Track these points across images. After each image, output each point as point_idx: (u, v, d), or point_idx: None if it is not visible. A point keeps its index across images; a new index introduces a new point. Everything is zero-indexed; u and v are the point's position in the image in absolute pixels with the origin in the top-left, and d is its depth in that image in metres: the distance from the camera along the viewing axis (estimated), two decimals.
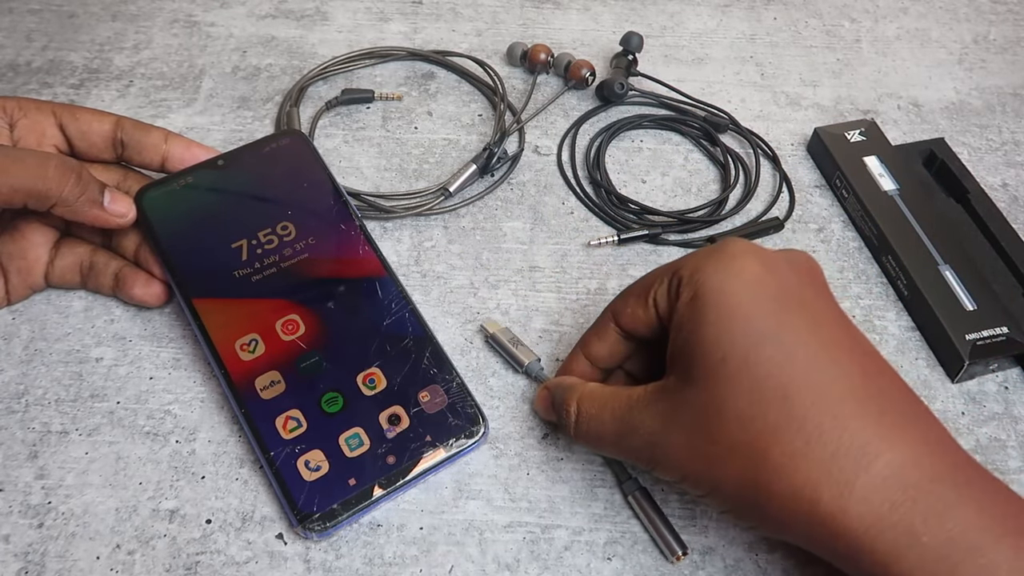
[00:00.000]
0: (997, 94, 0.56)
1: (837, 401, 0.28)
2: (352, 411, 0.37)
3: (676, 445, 0.30)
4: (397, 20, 0.58)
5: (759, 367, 0.28)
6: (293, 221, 0.42)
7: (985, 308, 0.42)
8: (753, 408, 0.28)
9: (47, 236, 0.40)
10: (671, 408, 0.30)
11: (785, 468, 0.27)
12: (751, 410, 0.28)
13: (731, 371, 0.29)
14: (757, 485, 0.28)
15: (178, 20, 0.57)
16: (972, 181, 0.48)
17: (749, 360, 0.28)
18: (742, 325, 0.29)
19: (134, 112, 0.51)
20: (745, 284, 0.30)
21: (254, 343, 0.38)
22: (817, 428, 0.27)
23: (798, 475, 0.27)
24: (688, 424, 0.30)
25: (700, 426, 0.29)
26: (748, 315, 0.29)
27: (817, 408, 0.27)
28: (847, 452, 0.27)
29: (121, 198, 0.39)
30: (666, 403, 0.31)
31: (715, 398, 0.29)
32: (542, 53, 0.54)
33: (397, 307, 0.40)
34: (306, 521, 0.34)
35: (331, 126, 0.51)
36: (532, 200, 0.48)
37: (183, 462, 0.37)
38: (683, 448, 0.30)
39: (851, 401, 0.28)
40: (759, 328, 0.29)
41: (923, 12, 0.62)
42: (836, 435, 0.27)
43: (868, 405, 0.28)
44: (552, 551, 0.35)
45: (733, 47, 0.58)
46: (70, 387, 0.39)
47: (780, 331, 0.29)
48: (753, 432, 0.28)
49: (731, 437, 0.28)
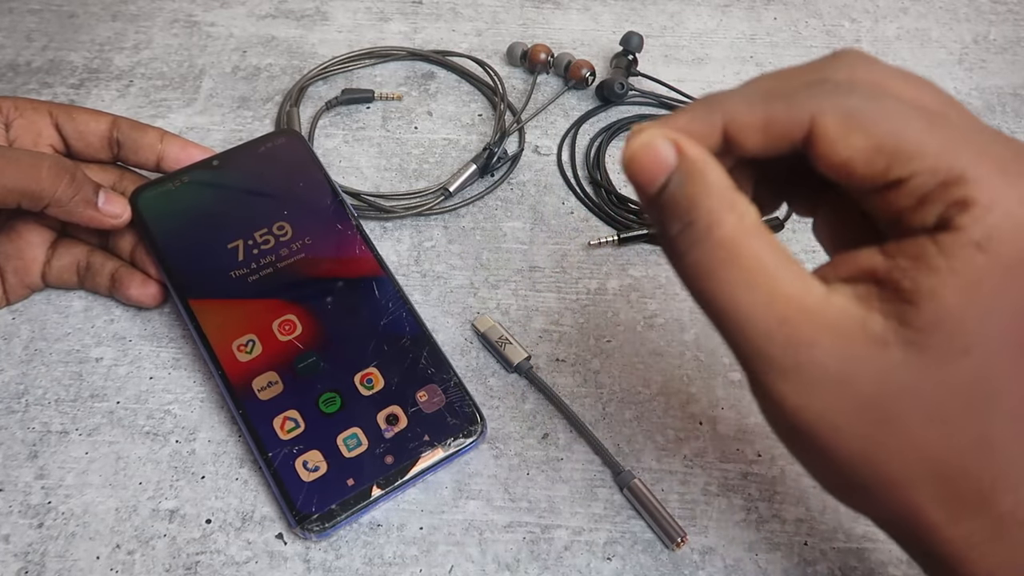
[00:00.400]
0: (997, 94, 0.56)
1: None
2: (350, 411, 0.37)
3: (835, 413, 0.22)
4: (397, 20, 0.58)
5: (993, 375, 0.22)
6: (289, 221, 0.42)
7: None
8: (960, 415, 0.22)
9: (43, 236, 0.40)
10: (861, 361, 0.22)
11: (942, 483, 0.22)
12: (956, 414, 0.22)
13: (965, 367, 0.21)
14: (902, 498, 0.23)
15: (178, 20, 0.57)
16: None
17: (991, 365, 0.22)
18: (1011, 316, 0.21)
19: (134, 112, 0.51)
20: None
21: (251, 344, 0.38)
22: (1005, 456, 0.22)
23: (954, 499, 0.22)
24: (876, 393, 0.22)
25: (892, 405, 0.22)
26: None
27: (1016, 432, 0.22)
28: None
29: (116, 198, 0.39)
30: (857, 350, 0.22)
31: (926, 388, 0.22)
32: (542, 53, 0.54)
33: (394, 307, 0.40)
34: (305, 521, 0.34)
35: (331, 126, 0.51)
36: (532, 200, 0.48)
37: (183, 462, 0.37)
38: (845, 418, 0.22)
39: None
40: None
41: (923, 12, 0.62)
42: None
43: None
44: (552, 551, 0.35)
45: (733, 47, 0.58)
46: (70, 387, 0.39)
47: None
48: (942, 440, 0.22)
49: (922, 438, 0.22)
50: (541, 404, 0.40)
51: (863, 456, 0.23)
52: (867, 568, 0.35)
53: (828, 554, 0.36)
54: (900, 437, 0.22)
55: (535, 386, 0.40)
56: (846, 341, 0.22)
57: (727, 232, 0.22)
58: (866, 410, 0.22)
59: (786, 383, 0.22)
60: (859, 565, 0.35)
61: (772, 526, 0.36)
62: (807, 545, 0.36)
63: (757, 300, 0.22)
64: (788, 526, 0.36)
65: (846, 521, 0.37)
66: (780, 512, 0.37)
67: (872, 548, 0.36)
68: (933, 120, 0.21)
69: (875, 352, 0.22)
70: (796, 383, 0.22)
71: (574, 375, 0.41)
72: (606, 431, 0.39)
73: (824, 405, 0.22)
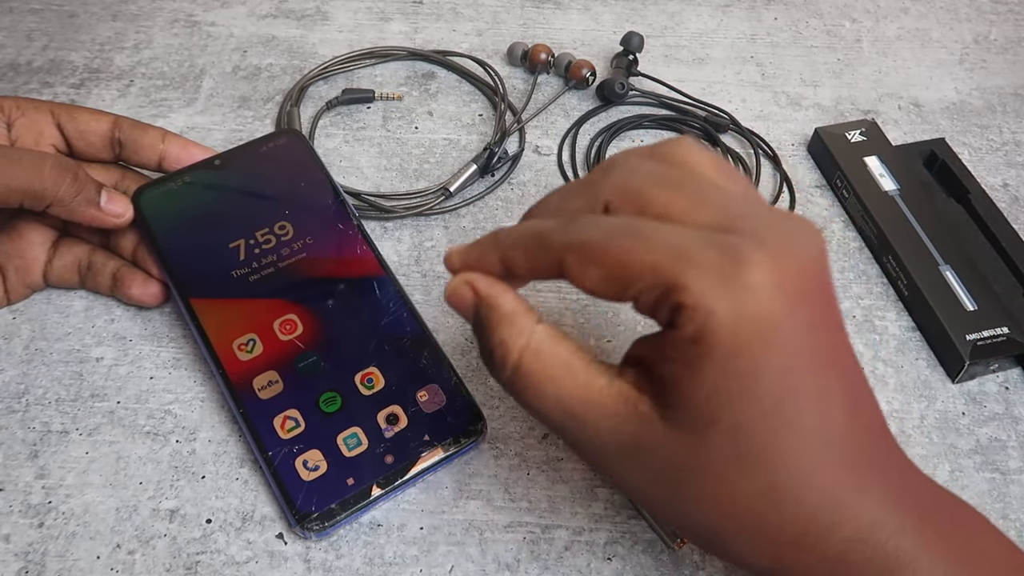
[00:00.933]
0: (998, 94, 0.56)
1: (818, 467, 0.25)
2: (350, 411, 0.37)
3: (635, 474, 0.27)
4: (398, 20, 0.58)
5: (748, 437, 0.25)
6: (291, 221, 0.42)
7: (985, 308, 0.42)
8: (732, 475, 0.25)
9: (45, 236, 0.40)
10: (637, 437, 0.26)
11: (754, 534, 0.26)
12: (729, 476, 0.25)
13: (716, 435, 0.25)
14: (718, 539, 0.27)
15: (178, 20, 0.57)
16: (973, 181, 0.48)
17: (740, 429, 0.25)
18: (738, 393, 0.25)
19: (135, 112, 0.51)
20: (757, 335, 0.24)
21: (252, 343, 0.38)
22: (794, 499, 0.25)
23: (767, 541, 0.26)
24: (656, 464, 0.26)
25: (669, 471, 0.26)
26: (751, 380, 0.25)
27: (797, 480, 0.25)
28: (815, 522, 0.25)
29: (118, 198, 0.39)
30: (632, 428, 0.26)
31: (693, 454, 0.26)
32: (543, 53, 0.54)
33: (395, 307, 0.40)
34: (304, 521, 0.34)
35: (331, 126, 0.51)
36: (532, 200, 0.48)
37: (183, 462, 0.37)
38: (644, 481, 0.27)
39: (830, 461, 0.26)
40: (760, 394, 0.25)
41: (924, 12, 0.62)
42: (809, 505, 0.25)
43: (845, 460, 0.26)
44: (552, 551, 0.35)
45: (734, 47, 0.58)
46: (70, 387, 0.39)
47: (780, 401, 0.25)
48: (727, 496, 0.26)
49: (703, 493, 0.26)
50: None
51: (678, 516, 0.27)
52: None
53: None
54: (695, 499, 0.26)
55: None
56: (622, 421, 0.26)
57: (515, 358, 0.27)
58: (659, 478, 0.27)
59: (600, 462, 0.28)
60: None
61: None
62: None
63: (549, 405, 0.27)
64: None
65: None
66: None
67: None
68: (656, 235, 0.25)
69: (647, 429, 0.26)
70: (604, 462, 0.27)
71: None
72: None
73: (629, 475, 0.27)
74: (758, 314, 0.24)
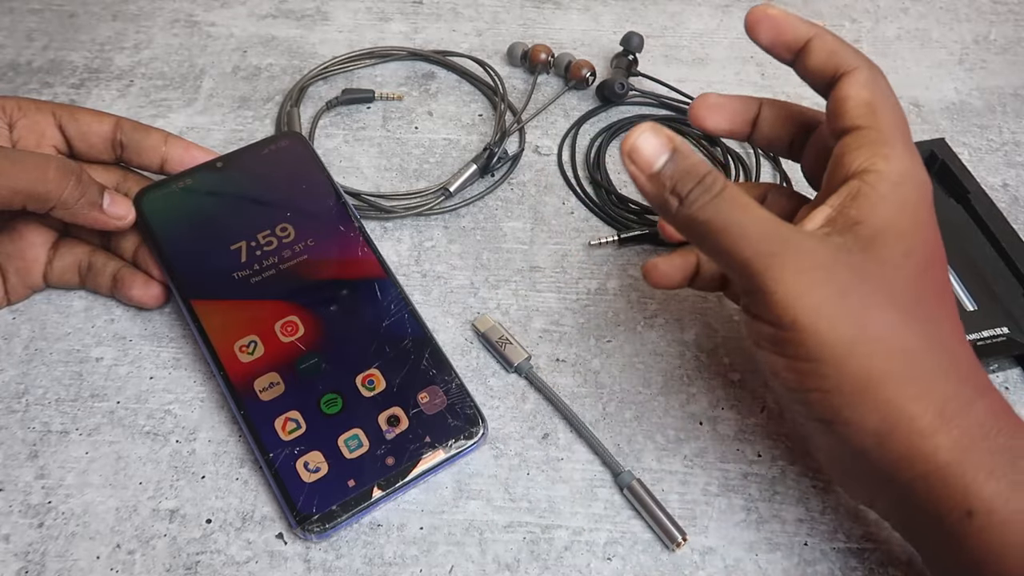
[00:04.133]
0: (998, 94, 0.56)
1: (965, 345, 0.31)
2: (351, 412, 0.37)
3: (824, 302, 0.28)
4: (397, 20, 0.58)
5: (929, 283, 0.30)
6: (292, 223, 0.42)
7: (985, 308, 0.42)
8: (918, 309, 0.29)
9: (45, 236, 0.40)
10: (833, 261, 0.29)
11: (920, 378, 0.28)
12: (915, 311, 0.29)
13: (911, 267, 0.29)
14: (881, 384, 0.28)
15: (178, 20, 0.57)
16: (972, 181, 0.48)
17: (926, 271, 0.30)
18: (935, 244, 0.31)
19: (134, 112, 0.51)
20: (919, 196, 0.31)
21: (253, 345, 0.38)
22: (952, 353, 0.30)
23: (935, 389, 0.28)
24: (846, 280, 0.28)
25: (856, 290, 0.28)
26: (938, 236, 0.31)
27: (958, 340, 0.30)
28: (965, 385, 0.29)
29: (120, 200, 0.39)
30: (827, 253, 0.29)
31: (887, 279, 0.29)
32: (542, 53, 0.54)
33: (396, 308, 0.40)
34: (305, 522, 0.34)
35: (331, 126, 0.51)
36: (532, 200, 0.48)
37: (183, 462, 0.37)
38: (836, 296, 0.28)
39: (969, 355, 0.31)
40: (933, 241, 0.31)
41: (923, 12, 0.62)
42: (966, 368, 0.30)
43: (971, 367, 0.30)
44: (552, 551, 0.36)
45: (734, 47, 0.58)
46: (70, 387, 0.39)
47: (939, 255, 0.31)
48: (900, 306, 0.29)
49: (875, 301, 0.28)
50: (541, 404, 0.40)
51: (849, 347, 0.28)
52: (867, 569, 0.35)
53: (828, 554, 0.36)
54: (876, 321, 0.28)
55: (535, 386, 0.40)
56: (820, 244, 0.29)
57: (732, 190, 0.29)
58: (845, 295, 0.28)
59: (783, 273, 0.28)
60: (859, 566, 0.35)
61: (772, 526, 0.37)
62: (807, 546, 0.36)
63: (764, 228, 0.28)
64: (788, 526, 0.37)
65: (846, 522, 0.37)
66: (780, 512, 0.37)
67: (872, 549, 0.36)
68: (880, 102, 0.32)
69: (842, 255, 0.29)
70: (791, 272, 0.28)
71: (574, 375, 0.41)
72: (606, 431, 0.39)
73: (812, 292, 0.28)
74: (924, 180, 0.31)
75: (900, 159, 0.30)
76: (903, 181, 0.30)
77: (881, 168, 0.30)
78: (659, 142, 0.29)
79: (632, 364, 0.42)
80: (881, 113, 0.31)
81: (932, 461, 0.28)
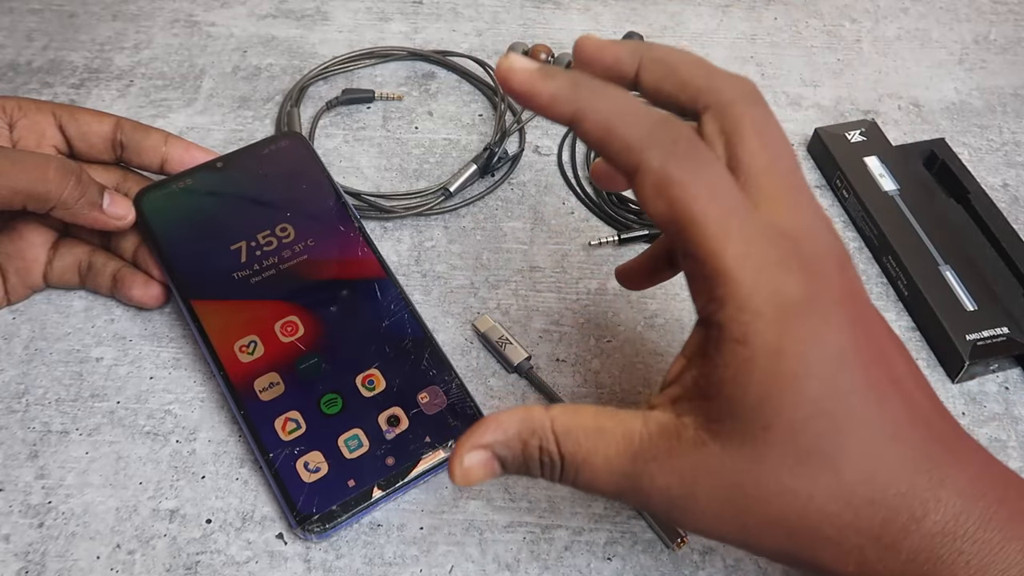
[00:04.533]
0: (998, 94, 0.56)
1: (888, 461, 0.25)
2: (351, 412, 0.37)
3: (703, 511, 0.26)
4: (397, 20, 0.58)
5: (806, 439, 0.24)
6: (292, 223, 0.42)
7: (985, 308, 0.42)
8: (797, 482, 0.25)
9: (45, 236, 0.40)
10: (694, 469, 0.25)
11: (832, 539, 0.25)
12: (795, 483, 0.25)
13: (774, 440, 0.24)
14: (799, 555, 0.26)
15: (178, 20, 0.57)
16: (972, 181, 0.48)
17: (796, 431, 0.24)
18: (791, 395, 0.24)
19: (134, 112, 0.51)
20: (802, 342, 0.24)
21: (253, 345, 0.38)
22: (868, 496, 0.25)
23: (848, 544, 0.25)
24: (720, 493, 0.25)
25: (734, 497, 0.25)
26: (801, 381, 0.24)
27: (867, 476, 0.25)
28: (896, 518, 0.25)
29: (120, 200, 0.39)
30: (686, 461, 0.26)
31: (754, 469, 0.25)
32: (543, 53, 0.54)
33: (396, 308, 0.40)
34: (305, 522, 0.34)
35: (331, 126, 0.51)
36: (532, 200, 0.48)
37: (183, 462, 0.37)
38: (712, 515, 0.26)
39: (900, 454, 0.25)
40: (812, 396, 0.24)
41: (924, 12, 0.62)
42: (886, 502, 0.25)
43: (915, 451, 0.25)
44: (552, 551, 0.36)
45: (734, 47, 0.58)
46: (70, 387, 0.39)
47: (833, 399, 0.24)
48: (798, 507, 0.25)
49: (772, 511, 0.25)
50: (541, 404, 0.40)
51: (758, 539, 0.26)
52: None
53: None
54: (768, 515, 0.25)
55: (535, 386, 0.40)
56: (673, 458, 0.25)
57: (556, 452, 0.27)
58: (728, 504, 0.25)
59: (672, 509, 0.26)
60: None
61: None
62: None
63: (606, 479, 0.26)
64: None
65: None
66: None
67: None
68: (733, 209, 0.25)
69: (700, 454, 0.25)
70: (675, 507, 0.26)
71: (574, 375, 0.41)
72: None
73: (701, 509, 0.26)
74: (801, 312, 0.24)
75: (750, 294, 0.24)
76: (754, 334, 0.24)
77: (724, 322, 0.24)
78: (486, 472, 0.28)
79: (632, 364, 0.42)
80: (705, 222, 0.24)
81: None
